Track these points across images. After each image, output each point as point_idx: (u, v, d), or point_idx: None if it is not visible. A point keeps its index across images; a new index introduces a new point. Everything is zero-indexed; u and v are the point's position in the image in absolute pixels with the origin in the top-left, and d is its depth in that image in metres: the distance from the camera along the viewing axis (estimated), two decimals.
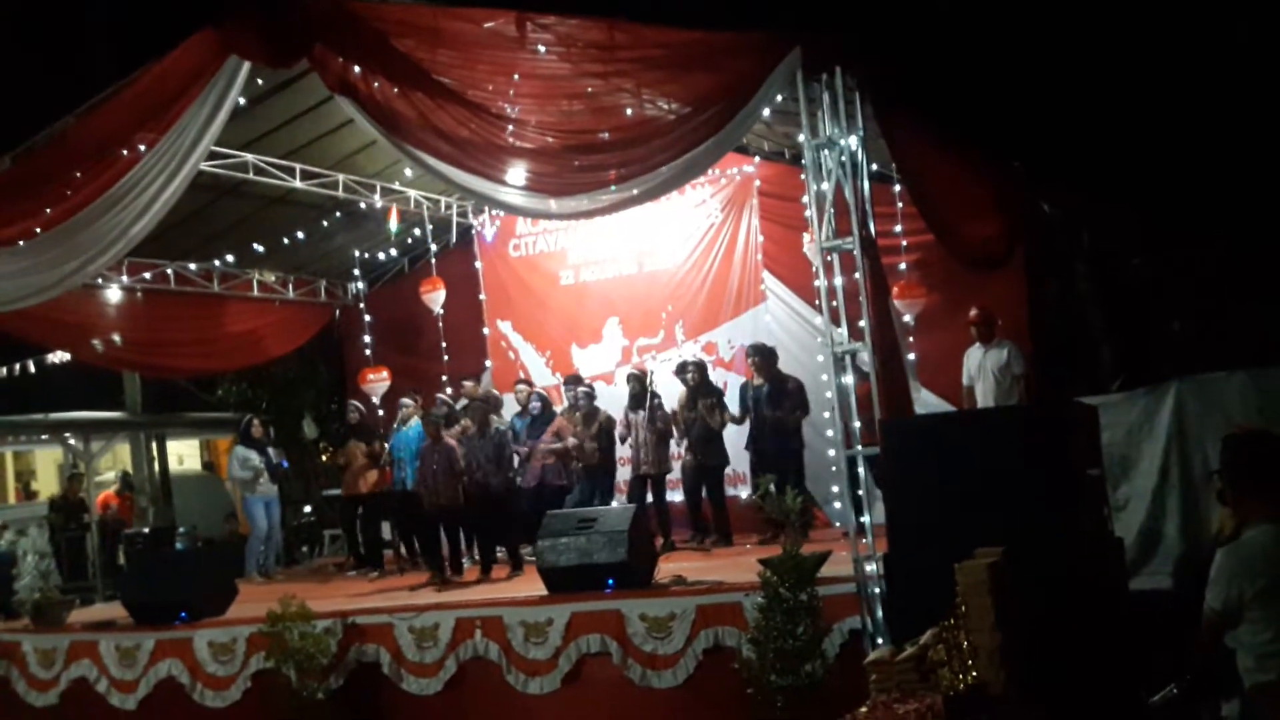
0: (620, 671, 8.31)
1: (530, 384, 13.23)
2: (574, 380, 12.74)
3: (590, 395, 12.27)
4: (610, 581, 8.62)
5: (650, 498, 11.62)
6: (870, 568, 7.74)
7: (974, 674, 5.49)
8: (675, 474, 12.14)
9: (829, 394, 8.45)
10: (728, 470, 11.92)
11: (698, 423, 11.48)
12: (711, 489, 11.63)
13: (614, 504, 11.67)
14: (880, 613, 7.58)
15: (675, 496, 12.20)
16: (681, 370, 11.86)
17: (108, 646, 9.95)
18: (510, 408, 13.00)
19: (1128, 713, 6.21)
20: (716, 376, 12.57)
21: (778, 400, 11.31)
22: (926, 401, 11.22)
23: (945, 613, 5.48)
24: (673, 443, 11.93)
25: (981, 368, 10.58)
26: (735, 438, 11.84)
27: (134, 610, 10.26)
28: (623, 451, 12.22)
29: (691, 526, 11.76)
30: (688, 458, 11.68)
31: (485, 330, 14.88)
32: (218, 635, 9.56)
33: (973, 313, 10.75)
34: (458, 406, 12.52)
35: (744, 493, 12.16)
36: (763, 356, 11.56)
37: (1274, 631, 4.54)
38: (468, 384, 13.36)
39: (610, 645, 8.36)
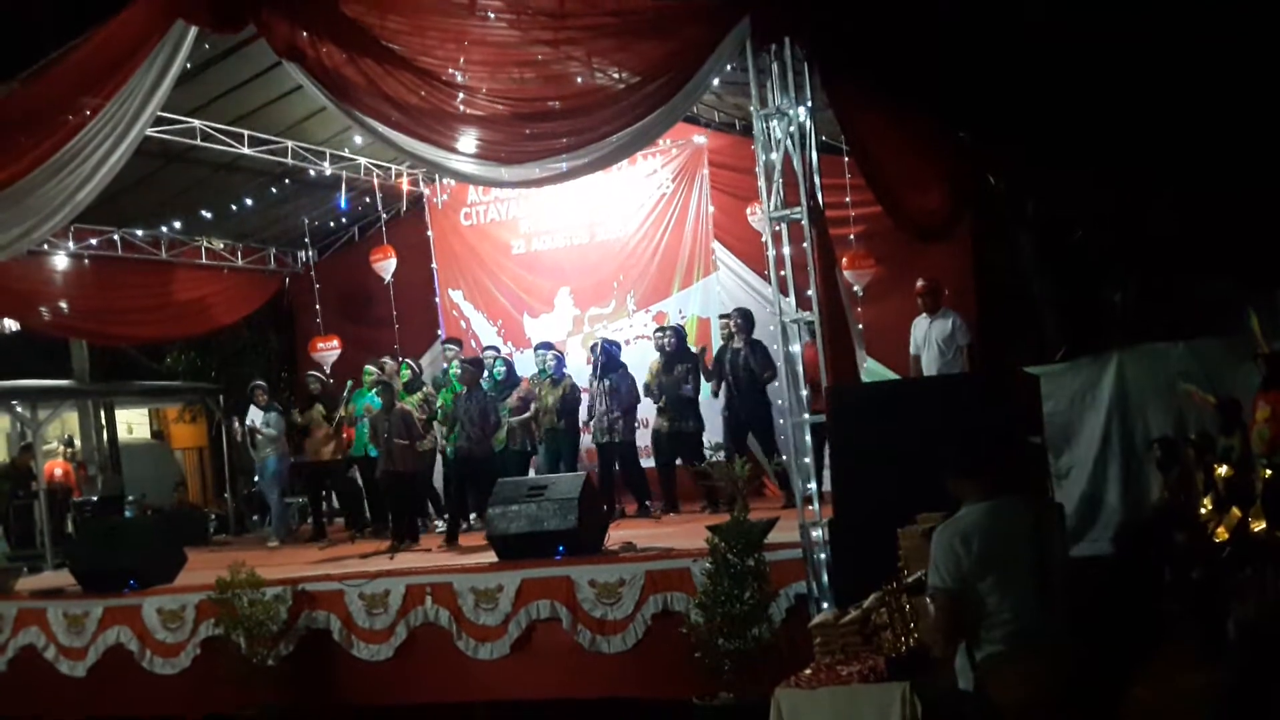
0: (570, 637, 8.39)
1: (497, 350, 13.28)
2: (545, 345, 12.69)
3: (561, 360, 12.26)
4: (560, 548, 8.70)
5: (618, 466, 11.68)
6: (816, 533, 7.87)
7: (915, 636, 5.62)
8: (644, 441, 12.16)
9: (779, 364, 8.53)
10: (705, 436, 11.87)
11: (672, 389, 11.53)
12: (689, 456, 11.64)
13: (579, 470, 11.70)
14: (825, 577, 7.71)
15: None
16: (660, 335, 11.89)
17: (56, 614, 9.90)
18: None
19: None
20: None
21: (758, 362, 11.37)
22: (873, 371, 11.33)
23: (888, 577, 5.58)
24: (641, 409, 11.95)
25: (927, 337, 10.71)
26: (709, 403, 11.87)
27: (82, 578, 10.21)
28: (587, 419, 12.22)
29: (663, 495, 11.74)
30: (661, 424, 11.71)
31: (437, 299, 14.85)
32: (167, 602, 9.54)
33: (920, 283, 10.88)
34: (446, 370, 12.53)
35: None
36: (745, 320, 11.59)
37: (997, 601, 4.53)
38: (450, 349, 13.25)
39: (560, 611, 8.43)
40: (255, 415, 13.30)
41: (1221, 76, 10.18)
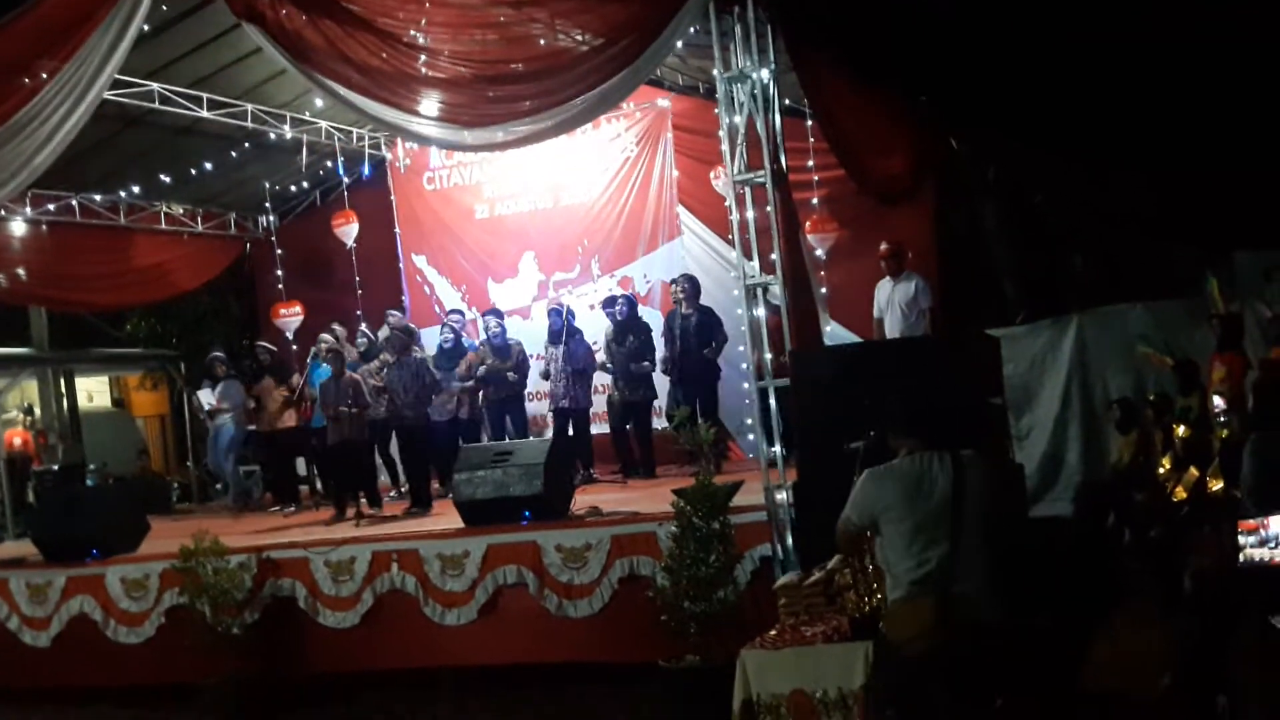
0: (537, 602, 8.42)
1: (462, 314, 13.30)
2: (494, 314, 12.72)
3: (502, 328, 12.22)
4: (527, 514, 8.71)
5: (571, 432, 11.69)
6: (781, 496, 7.92)
7: (878, 597, 5.69)
8: (598, 407, 12.19)
9: (743, 328, 8.55)
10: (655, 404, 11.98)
11: (625, 356, 11.55)
12: (639, 424, 11.74)
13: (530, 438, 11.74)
14: (790, 540, 7.77)
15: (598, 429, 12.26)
16: (610, 304, 11.90)
17: (18, 584, 9.85)
18: (432, 341, 13.01)
19: (1030, 636, 6.44)
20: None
21: (705, 329, 11.43)
22: (837, 335, 11.41)
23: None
24: (596, 376, 11.97)
25: (890, 300, 10.76)
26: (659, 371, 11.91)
27: (45, 547, 10.14)
28: (543, 386, 12.26)
29: (617, 462, 11.82)
30: (614, 392, 11.73)
31: (400, 264, 14.77)
32: (130, 571, 9.50)
33: (883, 246, 10.91)
34: (381, 337, 12.51)
35: (661, 424, 12.24)
36: (692, 285, 11.66)
37: (905, 547, 4.79)
38: (394, 315, 13.25)
39: (527, 576, 8.46)
40: (206, 393, 13.22)
41: (1182, 43, 10.23)
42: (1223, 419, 8.21)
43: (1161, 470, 8.57)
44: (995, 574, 4.82)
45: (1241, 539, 5.77)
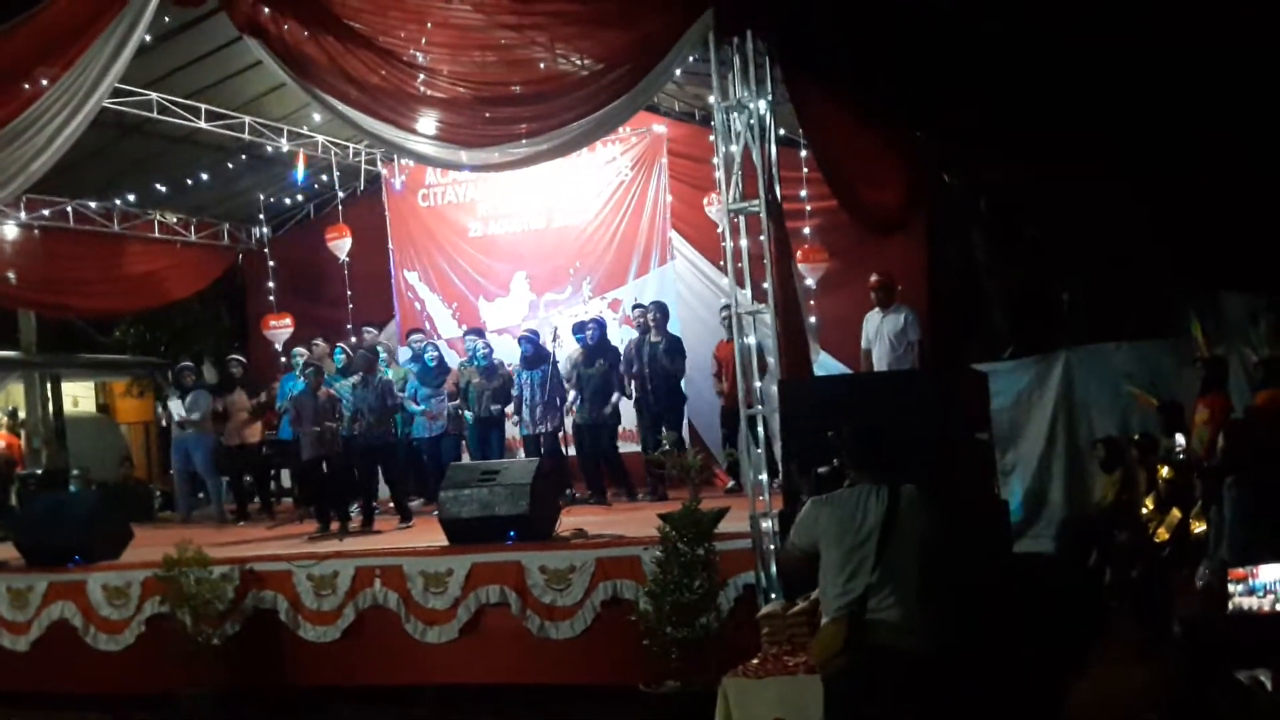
0: (519, 622, 8.42)
1: (424, 333, 13.39)
2: (475, 333, 12.78)
3: (489, 348, 12.31)
4: (511, 533, 8.72)
5: (541, 454, 11.70)
6: (766, 524, 7.94)
7: None
8: (566, 429, 12.22)
9: (735, 355, 8.60)
10: (620, 428, 12.04)
11: (593, 380, 11.60)
12: (605, 446, 11.78)
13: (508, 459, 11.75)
14: (774, 568, 7.78)
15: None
16: (580, 329, 11.96)
17: None
18: (406, 356, 13.15)
19: (1009, 671, 6.48)
20: (624, 334, 12.69)
21: (672, 355, 11.58)
22: (826, 364, 11.45)
23: None
24: (562, 402, 11.96)
25: (879, 332, 10.80)
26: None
27: (26, 551, 10.10)
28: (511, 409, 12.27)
29: (588, 484, 11.86)
30: (580, 416, 11.78)
31: (392, 280, 14.79)
32: (112, 579, 9.48)
33: (873, 278, 10.97)
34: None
35: (632, 448, 12.26)
36: (662, 313, 11.82)
37: (836, 574, 5.02)
38: (369, 332, 13.31)
39: (509, 596, 8.46)
40: (177, 404, 13.17)
41: (1175, 83, 10.33)
42: (1205, 462, 8.27)
43: (1145, 510, 8.61)
44: (925, 606, 4.99)
45: (1230, 587, 5.83)
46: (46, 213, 13.38)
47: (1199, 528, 7.99)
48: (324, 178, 14.40)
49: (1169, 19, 9.69)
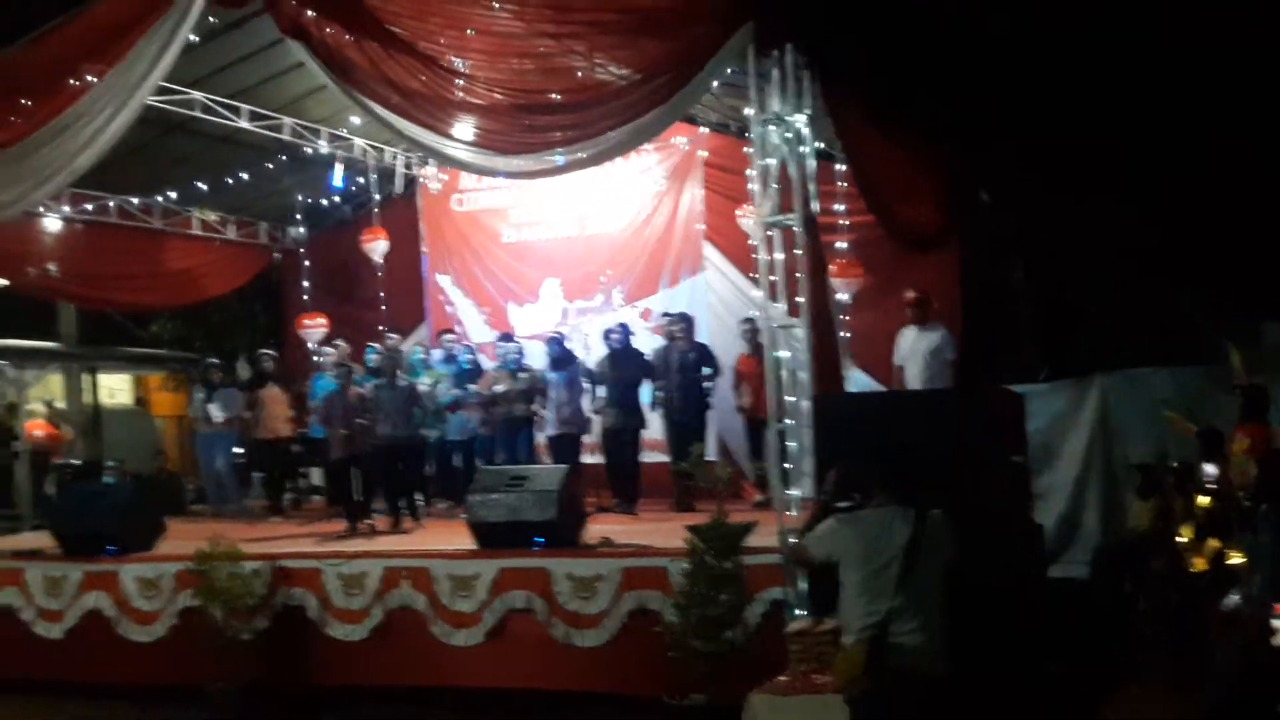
0: (544, 629, 8.44)
1: (456, 334, 13.51)
2: (506, 338, 12.83)
3: (520, 352, 12.36)
4: (539, 539, 8.74)
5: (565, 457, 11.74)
6: (794, 540, 7.91)
7: None
8: (593, 436, 12.24)
9: (765, 369, 8.59)
10: (642, 434, 12.05)
11: (619, 385, 11.62)
12: (628, 451, 11.79)
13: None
14: (803, 584, 7.76)
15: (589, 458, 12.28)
16: (608, 334, 12.01)
17: (34, 575, 9.94)
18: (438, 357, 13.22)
19: (1038, 698, 6.46)
20: (653, 342, 12.69)
21: (700, 365, 11.61)
22: (857, 380, 11.41)
23: None
24: (585, 401, 12.03)
25: (914, 350, 10.71)
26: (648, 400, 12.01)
27: (63, 540, 10.22)
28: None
29: (611, 490, 11.86)
30: (608, 420, 11.80)
31: (425, 283, 14.86)
32: (145, 571, 9.58)
33: (909, 294, 10.90)
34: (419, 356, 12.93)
35: (659, 457, 12.26)
36: (688, 323, 11.89)
37: (856, 595, 5.02)
38: (392, 337, 13.38)
39: (535, 602, 8.48)
40: (215, 407, 13.23)
41: (1214, 102, 10.27)
42: (1243, 491, 8.17)
43: (1181, 539, 8.51)
44: (948, 630, 4.99)
45: (1275, 622, 5.77)
46: (89, 207, 13.54)
47: (1236, 558, 7.90)
48: (361, 180, 14.48)
49: (1216, 41, 9.64)
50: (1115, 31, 10.38)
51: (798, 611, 7.55)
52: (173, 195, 14.13)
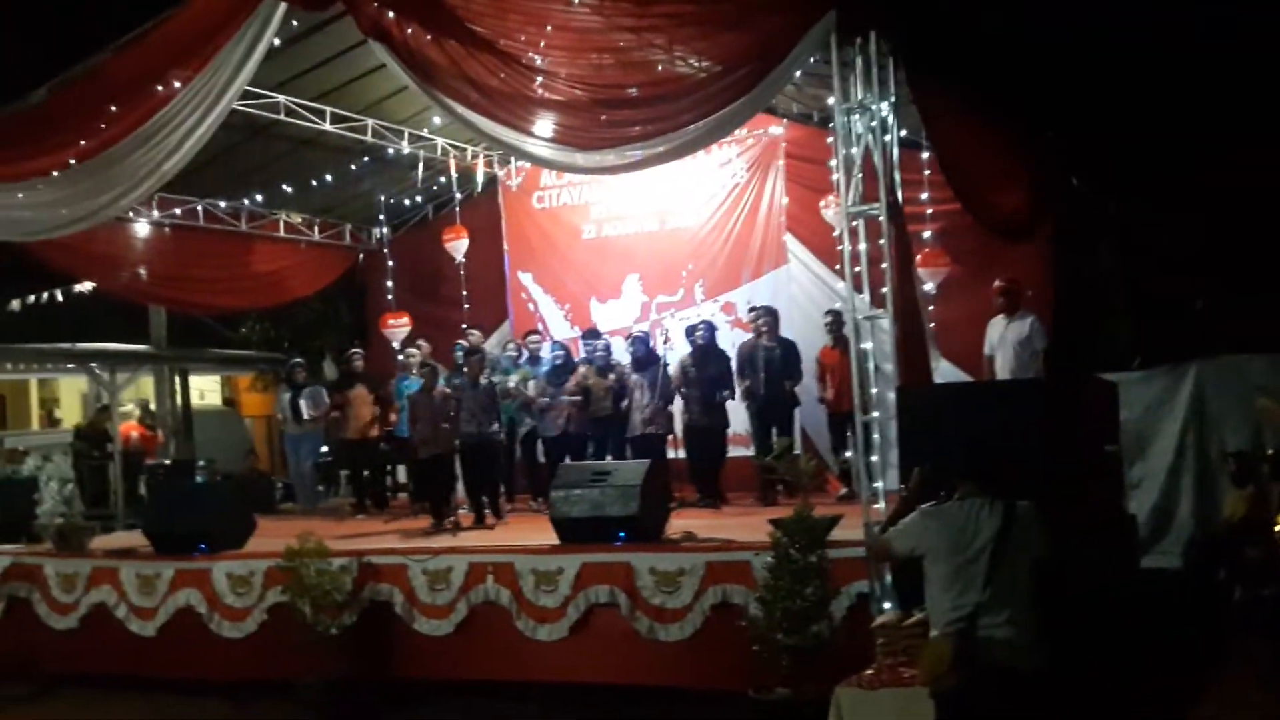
0: (628, 623, 8.42)
1: (540, 334, 13.51)
2: (592, 334, 12.85)
3: (608, 349, 12.37)
4: (621, 534, 8.73)
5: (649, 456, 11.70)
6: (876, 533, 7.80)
7: None
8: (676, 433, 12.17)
9: (851, 360, 8.48)
10: (728, 431, 12.00)
11: (703, 383, 11.58)
12: (712, 450, 11.73)
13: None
14: (889, 577, 7.65)
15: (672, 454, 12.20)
16: (691, 331, 11.94)
17: (128, 574, 10.12)
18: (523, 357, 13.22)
19: (1131, 690, 6.31)
20: (735, 337, 12.64)
21: (786, 362, 11.51)
22: (946, 372, 11.20)
23: None
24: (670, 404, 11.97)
25: (1003, 339, 10.46)
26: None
27: (155, 539, 10.41)
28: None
29: (696, 488, 11.83)
30: (691, 418, 11.76)
31: (507, 280, 14.94)
32: (236, 568, 9.72)
33: (998, 283, 10.64)
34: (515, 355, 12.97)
35: (742, 452, 12.20)
36: (773, 318, 11.80)
37: (943, 589, 4.93)
38: (474, 334, 13.44)
39: (619, 597, 8.47)
40: (305, 404, 13.50)
41: None
42: None
43: (1278, 528, 8.28)
44: (1039, 623, 4.88)
45: None
46: (178, 211, 13.79)
47: None
48: (442, 179, 14.59)
49: None
50: (1209, 13, 10.11)
51: (884, 605, 7.46)
52: (258, 198, 14.35)
